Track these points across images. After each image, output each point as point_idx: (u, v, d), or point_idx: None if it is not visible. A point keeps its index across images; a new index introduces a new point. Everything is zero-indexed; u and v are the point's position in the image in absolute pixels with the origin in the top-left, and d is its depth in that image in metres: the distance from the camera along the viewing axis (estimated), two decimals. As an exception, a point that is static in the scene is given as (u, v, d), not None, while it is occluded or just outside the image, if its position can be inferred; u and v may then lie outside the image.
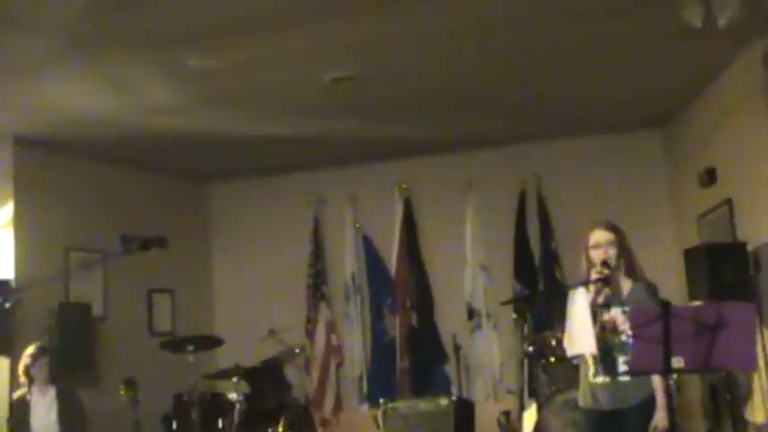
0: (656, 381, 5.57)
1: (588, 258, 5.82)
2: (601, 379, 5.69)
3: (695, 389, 9.54)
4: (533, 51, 8.41)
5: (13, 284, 2.70)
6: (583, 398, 5.90)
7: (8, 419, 8.17)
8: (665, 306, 4.93)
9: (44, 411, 8.06)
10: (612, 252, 5.77)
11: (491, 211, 11.53)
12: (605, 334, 5.63)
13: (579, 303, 5.64)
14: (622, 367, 5.58)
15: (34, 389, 8.13)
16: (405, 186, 11.86)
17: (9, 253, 9.87)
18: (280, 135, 10.66)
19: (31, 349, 8.28)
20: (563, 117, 10.67)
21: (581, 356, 5.85)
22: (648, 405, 5.63)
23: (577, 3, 7.30)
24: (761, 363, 7.97)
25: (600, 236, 5.81)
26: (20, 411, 7.99)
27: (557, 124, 10.91)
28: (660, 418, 5.58)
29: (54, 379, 8.30)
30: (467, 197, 11.56)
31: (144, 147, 10.83)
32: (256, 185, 12.67)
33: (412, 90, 9.36)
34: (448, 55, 8.40)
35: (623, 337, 5.57)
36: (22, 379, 8.12)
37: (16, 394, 8.16)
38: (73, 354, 9.66)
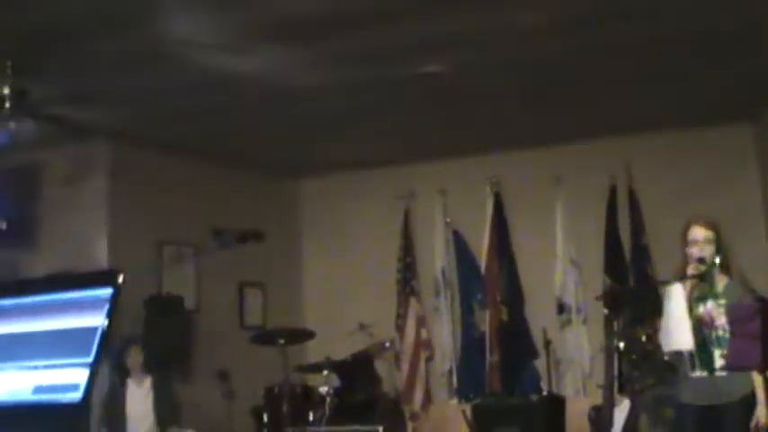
0: (757, 376, 5.52)
1: (686, 253, 5.79)
2: (698, 374, 5.65)
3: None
4: (625, 45, 8.35)
5: (121, 276, 2.77)
6: (680, 393, 5.87)
7: (104, 408, 8.32)
8: (763, 302, 4.88)
9: (140, 401, 8.21)
10: (710, 249, 5.73)
11: (581, 205, 11.46)
12: (701, 329, 5.59)
13: (676, 299, 5.61)
14: (719, 362, 5.54)
15: (130, 380, 8.29)
16: (495, 181, 11.82)
17: (103, 246, 10.07)
18: (371, 129, 10.70)
19: (124, 341, 8.44)
20: (654, 111, 10.56)
21: (677, 352, 5.81)
22: (749, 401, 5.58)
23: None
24: None
25: (698, 232, 5.78)
26: (116, 401, 8.14)
27: (648, 118, 10.79)
28: (763, 414, 5.53)
29: (149, 370, 8.43)
30: (557, 191, 11.50)
31: (236, 141, 10.94)
32: (346, 180, 12.72)
33: (503, 84, 9.33)
34: (539, 50, 8.37)
35: (720, 332, 5.53)
36: (118, 371, 8.27)
37: (113, 384, 8.31)
38: (166, 346, 9.78)
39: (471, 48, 8.23)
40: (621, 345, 8.99)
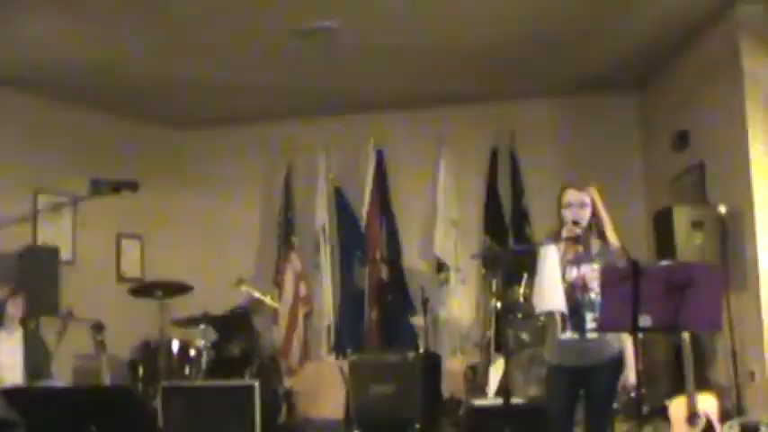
0: (625, 339, 5.63)
1: (560, 216, 5.85)
2: (569, 336, 5.73)
3: (659, 349, 9.63)
4: (512, 9, 8.40)
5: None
6: (550, 354, 5.94)
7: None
8: (635, 265, 4.97)
9: (10, 352, 8.03)
10: (585, 213, 5.80)
11: (463, 166, 11.56)
12: (574, 291, 5.66)
13: (550, 260, 5.66)
14: (591, 324, 5.62)
15: (1, 331, 8.11)
16: (378, 139, 11.83)
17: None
18: (254, 83, 10.62)
19: (1, 291, 8.24)
20: (539, 76, 10.66)
21: (549, 313, 5.88)
22: (615, 363, 5.69)
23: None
24: (725, 324, 8.05)
25: (573, 196, 5.83)
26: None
27: (533, 82, 10.91)
28: (629, 375, 5.64)
29: (21, 321, 8.26)
30: (440, 152, 11.56)
31: (117, 91, 10.77)
32: (229, 133, 12.60)
33: (389, 44, 9.33)
34: (426, 10, 8.38)
35: (592, 295, 5.61)
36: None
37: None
38: (40, 297, 9.60)
39: (360, 5, 8.20)
40: (498, 304, 9.12)
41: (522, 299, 9.12)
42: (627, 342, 5.63)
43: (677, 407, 7.10)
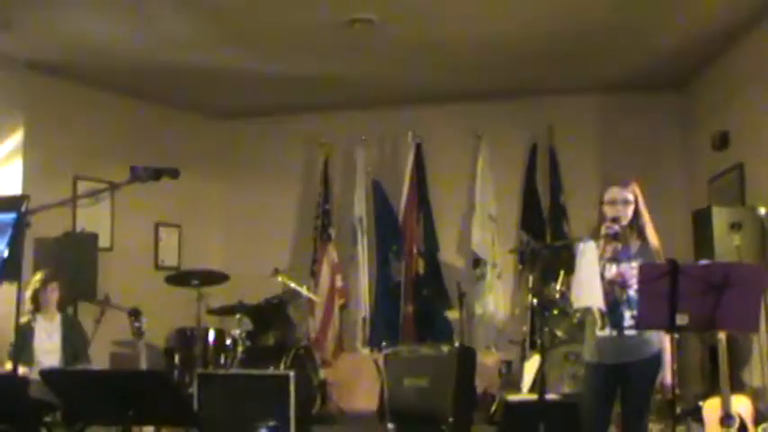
0: (663, 337, 5.60)
1: (602, 213, 5.83)
2: (607, 333, 5.70)
3: (695, 349, 9.59)
4: (554, 5, 8.38)
5: (28, 201, 2.67)
6: (588, 351, 5.92)
7: (11, 344, 8.18)
8: (674, 263, 4.94)
9: (48, 337, 8.09)
10: (627, 210, 5.77)
11: (502, 161, 11.54)
12: (613, 288, 5.64)
13: (589, 257, 5.63)
14: (629, 322, 5.60)
15: (39, 316, 8.15)
16: (417, 133, 11.82)
17: (18, 179, 9.90)
18: (294, 75, 10.63)
19: (40, 275, 8.29)
20: (579, 73, 10.63)
21: (587, 310, 5.86)
22: (653, 361, 5.66)
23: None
24: (762, 326, 7.99)
25: (616, 193, 5.80)
26: (23, 336, 8.02)
27: (573, 79, 10.87)
28: (667, 374, 5.61)
29: (60, 306, 8.31)
30: (478, 146, 11.56)
31: (159, 79, 10.81)
32: (268, 124, 12.65)
33: (430, 37, 9.32)
34: (467, 4, 8.36)
35: (630, 292, 5.58)
36: (29, 305, 8.13)
37: (22, 320, 8.16)
38: (78, 283, 9.66)
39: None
40: (534, 301, 9.09)
41: (558, 295, 9.09)
42: (666, 341, 5.60)
43: (711, 408, 7.05)
